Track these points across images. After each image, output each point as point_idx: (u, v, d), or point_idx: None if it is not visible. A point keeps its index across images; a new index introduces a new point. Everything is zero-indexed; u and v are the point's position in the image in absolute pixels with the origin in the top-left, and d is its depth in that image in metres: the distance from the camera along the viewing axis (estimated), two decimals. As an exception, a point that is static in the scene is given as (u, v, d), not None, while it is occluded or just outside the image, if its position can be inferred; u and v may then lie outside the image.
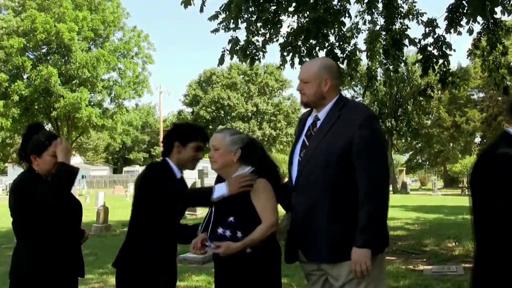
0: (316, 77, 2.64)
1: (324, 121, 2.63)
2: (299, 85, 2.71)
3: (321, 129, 2.61)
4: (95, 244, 9.70)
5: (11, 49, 31.71)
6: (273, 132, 45.42)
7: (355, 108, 2.62)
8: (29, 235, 2.70)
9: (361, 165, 2.46)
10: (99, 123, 34.69)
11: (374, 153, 2.49)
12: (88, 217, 13.78)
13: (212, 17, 7.48)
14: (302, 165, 2.61)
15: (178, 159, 2.92)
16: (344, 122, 2.55)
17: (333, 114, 2.61)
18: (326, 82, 2.64)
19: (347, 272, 2.50)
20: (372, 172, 2.46)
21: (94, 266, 7.40)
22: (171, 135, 2.98)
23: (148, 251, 2.81)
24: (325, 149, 2.53)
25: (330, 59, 2.93)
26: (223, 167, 2.72)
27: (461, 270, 6.60)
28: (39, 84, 31.92)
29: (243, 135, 2.85)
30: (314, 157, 2.56)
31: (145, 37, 37.42)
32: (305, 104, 2.74)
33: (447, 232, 10.74)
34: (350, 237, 2.46)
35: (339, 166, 2.49)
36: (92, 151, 59.09)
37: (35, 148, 2.79)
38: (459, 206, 19.10)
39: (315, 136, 2.62)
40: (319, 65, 2.69)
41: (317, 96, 2.65)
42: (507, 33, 8.14)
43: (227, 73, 46.88)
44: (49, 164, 2.80)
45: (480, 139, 39.68)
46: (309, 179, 2.55)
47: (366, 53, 8.94)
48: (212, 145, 2.73)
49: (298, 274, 6.14)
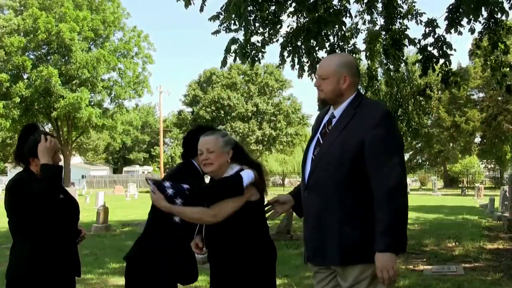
0: (335, 73, 2.57)
1: (339, 119, 2.57)
2: (317, 81, 2.63)
3: (336, 127, 2.56)
4: (95, 244, 9.69)
5: (11, 47, 31.70)
6: (273, 132, 45.37)
7: (371, 106, 2.55)
8: (26, 234, 2.70)
9: (377, 165, 2.39)
10: (99, 123, 34.71)
11: (390, 153, 2.42)
12: (88, 217, 13.78)
13: (213, 18, 7.49)
14: (315, 163, 2.55)
15: (198, 162, 2.91)
16: (359, 120, 2.48)
17: (349, 112, 2.55)
18: (345, 79, 2.56)
19: (356, 274, 2.46)
20: (389, 172, 2.38)
21: (94, 266, 7.39)
22: (191, 138, 3.00)
23: (162, 249, 2.86)
24: (339, 147, 2.47)
25: (350, 56, 2.86)
26: (219, 168, 2.72)
27: (461, 270, 6.61)
28: (39, 85, 31.92)
29: (230, 136, 2.89)
30: (327, 155, 2.50)
31: (145, 37, 37.47)
32: (322, 101, 2.67)
33: (447, 232, 10.74)
34: (361, 239, 2.42)
35: (353, 165, 2.42)
36: (92, 151, 59.09)
37: (32, 149, 2.77)
38: (459, 206, 19.13)
39: (330, 134, 2.56)
40: (339, 61, 2.61)
41: (335, 93, 2.58)
42: (508, 32, 8.14)
43: (227, 73, 46.83)
44: None
45: (480, 139, 39.67)
46: (322, 178, 2.49)
47: (366, 53, 8.94)
48: (206, 148, 2.70)
49: (298, 274, 6.14)
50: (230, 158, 2.75)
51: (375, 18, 8.59)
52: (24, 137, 2.83)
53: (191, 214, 2.63)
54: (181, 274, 2.90)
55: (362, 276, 2.46)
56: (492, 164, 46.21)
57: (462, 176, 43.59)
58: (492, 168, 46.71)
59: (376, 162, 2.40)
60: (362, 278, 2.46)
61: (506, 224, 10.77)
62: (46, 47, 34.72)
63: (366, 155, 2.41)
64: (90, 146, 56.95)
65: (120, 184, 40.25)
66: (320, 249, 2.53)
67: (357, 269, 2.46)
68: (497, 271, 6.45)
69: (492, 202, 15.85)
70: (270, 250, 2.74)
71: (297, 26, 8.10)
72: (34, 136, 2.81)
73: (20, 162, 2.84)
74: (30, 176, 2.76)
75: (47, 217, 2.69)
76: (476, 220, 13.44)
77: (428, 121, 39.85)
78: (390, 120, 2.51)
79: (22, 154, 2.81)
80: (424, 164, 47.54)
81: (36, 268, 2.66)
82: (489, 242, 9.28)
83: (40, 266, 2.67)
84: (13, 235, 2.79)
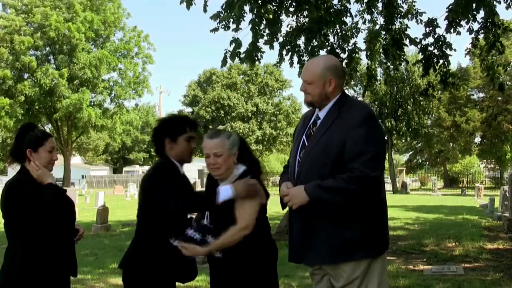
0: (320, 77, 2.58)
1: (323, 120, 2.60)
2: (303, 85, 2.65)
3: (319, 129, 2.59)
4: (95, 244, 9.69)
5: (21, 45, 31.68)
6: (273, 132, 45.37)
7: (355, 107, 2.57)
8: (22, 236, 2.69)
9: (355, 157, 2.41)
10: (99, 123, 34.71)
11: (369, 146, 2.43)
12: (88, 217, 13.80)
13: (213, 16, 7.49)
14: (301, 165, 2.59)
15: (173, 155, 2.83)
16: (342, 121, 2.51)
17: (333, 114, 2.58)
18: (330, 82, 2.59)
19: (347, 273, 2.49)
20: (364, 172, 2.40)
21: (94, 266, 7.38)
22: (159, 133, 2.88)
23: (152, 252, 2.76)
24: (322, 148, 2.51)
25: (334, 57, 2.84)
26: (226, 171, 2.70)
27: (461, 270, 6.61)
28: (45, 83, 31.90)
29: (234, 134, 2.84)
30: (311, 157, 2.54)
31: (145, 37, 37.44)
32: (309, 104, 2.69)
33: (447, 232, 10.74)
34: (349, 237, 2.45)
35: (336, 166, 2.45)
36: (92, 151, 59.05)
37: (32, 143, 2.78)
38: (459, 206, 19.12)
39: (313, 136, 2.60)
40: (323, 65, 2.61)
41: (321, 96, 2.61)
42: (504, 31, 8.14)
43: (227, 73, 46.84)
44: (45, 160, 2.79)
45: (480, 139, 39.66)
46: (308, 180, 2.51)
47: (366, 52, 8.94)
48: (214, 152, 2.66)
49: (298, 274, 6.15)
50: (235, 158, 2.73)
51: (375, 18, 8.60)
52: (23, 134, 2.82)
53: (232, 240, 2.57)
54: (178, 272, 2.81)
55: (353, 275, 2.49)
56: (492, 164, 46.19)
57: (462, 176, 43.57)
58: (492, 168, 46.69)
59: (353, 155, 2.42)
60: (354, 277, 2.49)
61: (506, 224, 10.77)
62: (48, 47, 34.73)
63: (346, 153, 2.44)
64: (90, 146, 56.91)
65: (120, 184, 40.24)
66: (309, 249, 2.55)
67: (348, 268, 2.49)
68: (497, 271, 6.45)
69: (492, 202, 15.85)
70: (271, 249, 2.73)
71: (297, 25, 8.11)
72: (33, 132, 2.82)
73: (17, 158, 2.83)
74: (26, 178, 2.75)
75: (43, 220, 2.68)
76: (476, 220, 13.43)
77: (428, 121, 39.83)
78: (372, 120, 2.52)
79: (19, 149, 2.80)
80: (424, 164, 47.55)
81: (29, 270, 2.65)
82: (489, 242, 9.28)
83: (34, 266, 2.66)
84: (8, 237, 2.78)
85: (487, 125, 36.31)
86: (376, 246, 2.54)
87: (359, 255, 2.48)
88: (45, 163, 2.79)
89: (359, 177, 2.40)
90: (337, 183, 2.41)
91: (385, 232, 2.62)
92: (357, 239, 2.46)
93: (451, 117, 37.43)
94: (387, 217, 2.65)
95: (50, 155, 2.81)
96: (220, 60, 7.67)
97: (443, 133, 38.83)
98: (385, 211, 2.63)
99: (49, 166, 2.83)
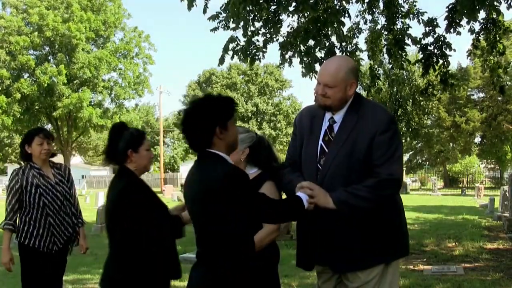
0: (343, 81, 2.46)
1: (342, 126, 2.52)
2: (321, 88, 2.48)
3: (340, 134, 2.51)
4: (95, 244, 9.67)
5: (16, 45, 31.66)
6: (273, 132, 45.37)
7: (374, 110, 2.53)
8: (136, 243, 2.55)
9: (383, 170, 2.42)
10: (99, 123, 34.69)
11: (393, 151, 2.45)
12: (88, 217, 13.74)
13: (212, 17, 7.49)
14: (323, 173, 2.50)
15: (224, 147, 2.27)
16: (364, 125, 2.45)
17: (351, 117, 2.50)
18: (351, 86, 2.50)
19: (365, 275, 2.48)
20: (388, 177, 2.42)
21: (94, 266, 7.38)
22: (207, 118, 2.22)
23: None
24: (347, 154, 2.45)
25: (351, 58, 2.82)
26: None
27: (461, 270, 6.61)
28: (43, 81, 31.87)
29: (252, 133, 2.76)
30: (336, 163, 2.47)
31: (146, 38, 37.41)
32: (326, 108, 2.53)
33: (447, 232, 10.74)
34: (371, 244, 2.46)
35: (362, 171, 2.43)
36: (92, 151, 59.03)
37: (132, 143, 2.66)
38: (459, 206, 19.11)
39: (334, 143, 2.51)
40: (346, 68, 2.50)
41: (342, 100, 2.50)
42: (505, 32, 8.13)
43: (227, 73, 46.87)
44: (146, 159, 2.71)
45: (480, 139, 39.64)
46: (333, 186, 2.44)
47: (368, 52, 8.93)
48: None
49: (298, 274, 6.14)
50: (245, 156, 2.66)
51: (377, 18, 8.58)
52: (119, 134, 2.69)
53: (260, 243, 2.50)
54: None
55: (369, 277, 2.49)
56: (492, 164, 46.17)
57: (462, 176, 43.57)
58: (492, 168, 46.67)
59: (382, 160, 2.42)
60: (369, 278, 2.49)
61: (506, 224, 10.76)
62: (47, 47, 34.70)
63: (373, 158, 2.43)
64: (90, 146, 56.90)
65: (120, 184, 40.16)
66: (335, 255, 2.51)
67: (366, 272, 2.49)
68: (497, 271, 6.45)
69: (492, 202, 15.85)
70: (273, 250, 2.71)
71: (297, 25, 8.10)
72: (129, 131, 2.71)
73: (115, 160, 2.71)
74: (133, 179, 2.65)
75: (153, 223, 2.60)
76: (476, 220, 13.42)
77: (428, 121, 39.83)
78: (394, 124, 2.54)
79: (120, 150, 2.66)
80: (424, 164, 47.50)
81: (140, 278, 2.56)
82: (489, 242, 9.28)
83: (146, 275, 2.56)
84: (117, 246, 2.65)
85: (487, 125, 36.28)
86: (401, 249, 2.58)
87: (388, 258, 2.51)
88: (146, 162, 2.71)
89: (387, 181, 2.42)
90: (365, 188, 2.40)
91: (407, 235, 2.67)
92: (386, 243, 2.48)
93: (451, 117, 37.40)
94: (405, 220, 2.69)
95: (149, 153, 2.74)
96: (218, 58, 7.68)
97: (443, 133, 38.81)
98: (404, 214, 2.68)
99: (148, 165, 2.76)
